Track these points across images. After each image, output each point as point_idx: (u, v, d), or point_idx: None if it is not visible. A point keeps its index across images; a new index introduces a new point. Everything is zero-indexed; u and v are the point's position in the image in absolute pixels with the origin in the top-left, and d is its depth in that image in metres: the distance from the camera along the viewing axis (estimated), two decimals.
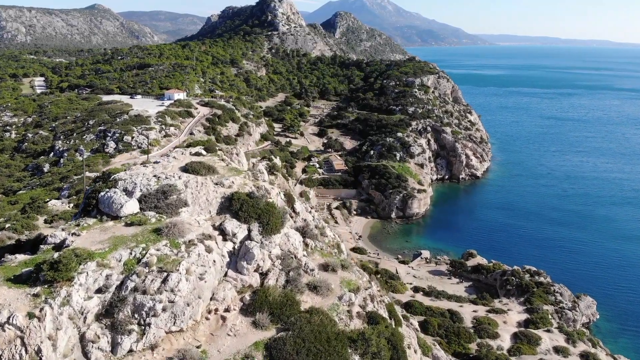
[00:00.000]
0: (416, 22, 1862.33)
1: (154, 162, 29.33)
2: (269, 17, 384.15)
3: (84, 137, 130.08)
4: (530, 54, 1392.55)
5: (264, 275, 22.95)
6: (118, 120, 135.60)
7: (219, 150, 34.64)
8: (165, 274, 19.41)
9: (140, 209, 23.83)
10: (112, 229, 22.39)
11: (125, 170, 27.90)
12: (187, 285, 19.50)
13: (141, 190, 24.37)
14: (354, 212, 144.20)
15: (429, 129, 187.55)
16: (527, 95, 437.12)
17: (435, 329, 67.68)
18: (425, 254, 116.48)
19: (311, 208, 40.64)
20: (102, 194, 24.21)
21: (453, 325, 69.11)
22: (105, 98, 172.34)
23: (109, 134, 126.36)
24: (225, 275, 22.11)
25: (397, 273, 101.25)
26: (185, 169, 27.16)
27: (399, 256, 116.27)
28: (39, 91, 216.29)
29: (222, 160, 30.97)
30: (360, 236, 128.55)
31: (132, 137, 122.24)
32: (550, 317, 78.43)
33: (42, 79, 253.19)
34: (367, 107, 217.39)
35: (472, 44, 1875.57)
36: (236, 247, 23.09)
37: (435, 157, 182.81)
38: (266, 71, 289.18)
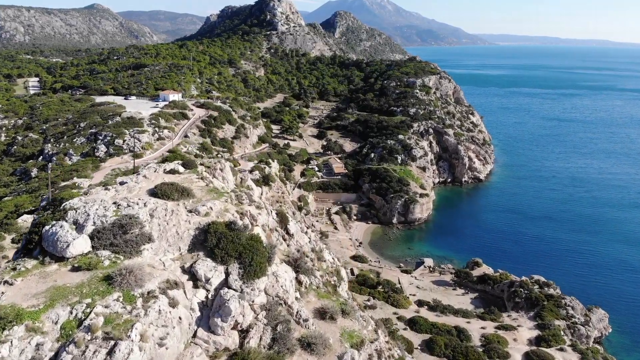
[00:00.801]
0: (416, 22, 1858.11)
1: (120, 183, 24.79)
2: (268, 17, 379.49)
3: (75, 140, 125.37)
4: (531, 53, 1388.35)
5: (244, 332, 18.45)
6: (110, 122, 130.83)
7: (201, 164, 30.03)
8: (112, 342, 14.90)
9: (93, 247, 19.27)
10: (54, 275, 17.90)
11: (80, 195, 23.22)
12: (141, 357, 14.99)
13: (95, 223, 19.78)
14: (354, 217, 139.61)
15: (430, 130, 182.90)
16: (528, 95, 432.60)
17: (442, 349, 63.19)
18: (429, 262, 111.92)
19: (307, 228, 36.11)
20: (46, 228, 19.63)
21: (461, 344, 64.56)
22: (99, 99, 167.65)
23: (100, 137, 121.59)
24: (195, 335, 17.60)
25: (399, 283, 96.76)
26: (154, 193, 22.63)
27: (401, 264, 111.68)
28: (32, 92, 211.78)
29: (202, 179, 26.39)
30: (360, 243, 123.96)
31: (124, 141, 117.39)
32: (562, 333, 73.91)
33: (37, 79, 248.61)
34: (367, 108, 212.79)
35: (472, 43, 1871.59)
36: (210, 296, 18.61)
37: (437, 159, 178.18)
38: (265, 71, 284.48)
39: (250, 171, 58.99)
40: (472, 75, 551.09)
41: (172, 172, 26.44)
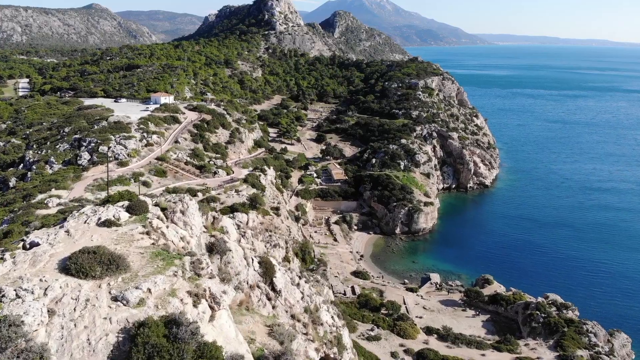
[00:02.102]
0: (415, 22, 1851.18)
1: (28, 246, 17.39)
2: (266, 16, 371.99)
3: (57, 146, 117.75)
4: (532, 53, 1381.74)
5: None
6: (96, 127, 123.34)
7: (155, 205, 22.59)
8: None
9: None
10: None
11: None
12: None
13: None
14: (355, 227, 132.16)
15: (434, 134, 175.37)
16: (531, 96, 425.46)
17: None
18: (435, 277, 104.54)
19: (299, 278, 28.63)
20: None
21: None
22: (88, 102, 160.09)
23: (84, 144, 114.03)
24: None
25: (404, 304, 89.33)
26: (67, 268, 15.27)
27: (406, 280, 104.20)
28: (21, 94, 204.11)
29: (148, 233, 18.94)
30: (362, 256, 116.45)
31: (109, 147, 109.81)
32: None
33: (27, 80, 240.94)
34: (368, 110, 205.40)
35: (471, 43, 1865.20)
36: None
37: (441, 164, 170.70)
38: (262, 72, 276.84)
39: (237, 191, 51.34)
40: (473, 76, 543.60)
41: (109, 223, 18.88)
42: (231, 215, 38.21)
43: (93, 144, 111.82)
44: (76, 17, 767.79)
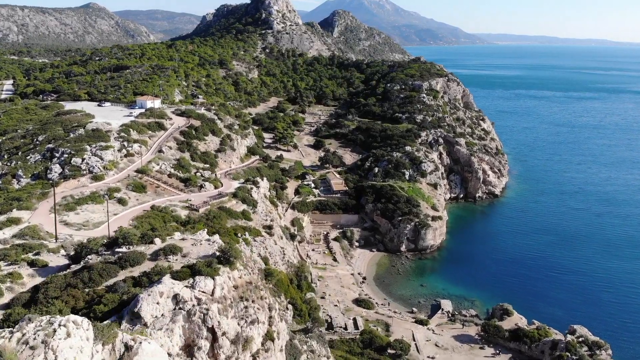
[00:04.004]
0: (414, 22, 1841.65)
1: None
2: (263, 15, 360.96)
3: (29, 157, 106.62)
4: (532, 53, 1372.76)
5: None
6: (71, 135, 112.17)
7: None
8: None
9: None
10: None
11: None
12: None
13: None
14: (356, 244, 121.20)
15: (440, 140, 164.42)
16: (535, 98, 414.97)
17: None
18: (446, 305, 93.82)
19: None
20: None
21: None
22: (69, 106, 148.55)
23: (57, 154, 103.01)
24: None
25: (414, 340, 78.37)
26: None
27: (414, 309, 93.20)
28: (3, 96, 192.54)
29: None
30: (364, 278, 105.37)
31: (83, 159, 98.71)
32: None
33: (12, 82, 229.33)
34: (369, 114, 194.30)
35: (471, 43, 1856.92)
36: None
37: (447, 173, 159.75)
38: (258, 73, 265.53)
39: (209, 240, 40.05)
40: (474, 76, 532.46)
41: None
42: (189, 283, 27.13)
43: (66, 155, 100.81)
44: (73, 16, 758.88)
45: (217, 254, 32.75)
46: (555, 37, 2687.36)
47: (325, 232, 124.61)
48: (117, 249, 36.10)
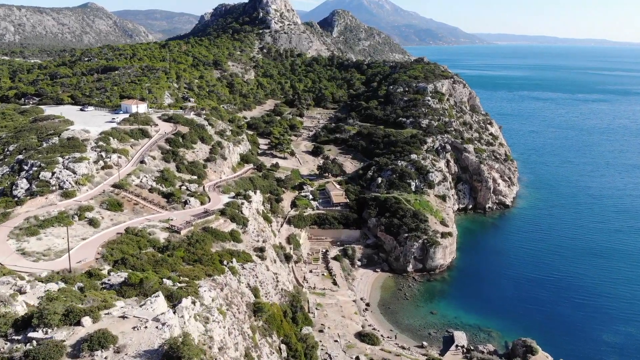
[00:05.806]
0: (414, 21, 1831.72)
1: None
2: (261, 14, 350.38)
3: None
4: (534, 53, 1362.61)
5: None
6: (45, 145, 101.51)
7: None
8: None
9: None
10: None
11: None
12: None
13: None
14: (358, 263, 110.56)
15: (447, 147, 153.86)
16: (540, 99, 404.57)
17: None
18: (460, 338, 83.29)
19: None
20: None
21: None
22: (49, 111, 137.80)
23: (26, 167, 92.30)
24: None
25: None
26: None
27: (424, 343, 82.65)
28: None
29: None
30: (367, 304, 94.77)
31: (53, 173, 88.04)
32: None
33: None
34: (370, 118, 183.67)
35: (470, 43, 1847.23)
36: None
37: (455, 182, 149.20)
38: (255, 74, 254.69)
39: (159, 320, 29.48)
40: (476, 77, 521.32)
41: None
42: None
43: (35, 169, 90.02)
44: (71, 16, 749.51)
45: (165, 349, 22.15)
46: (555, 37, 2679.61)
47: (324, 250, 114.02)
48: (29, 334, 25.63)
